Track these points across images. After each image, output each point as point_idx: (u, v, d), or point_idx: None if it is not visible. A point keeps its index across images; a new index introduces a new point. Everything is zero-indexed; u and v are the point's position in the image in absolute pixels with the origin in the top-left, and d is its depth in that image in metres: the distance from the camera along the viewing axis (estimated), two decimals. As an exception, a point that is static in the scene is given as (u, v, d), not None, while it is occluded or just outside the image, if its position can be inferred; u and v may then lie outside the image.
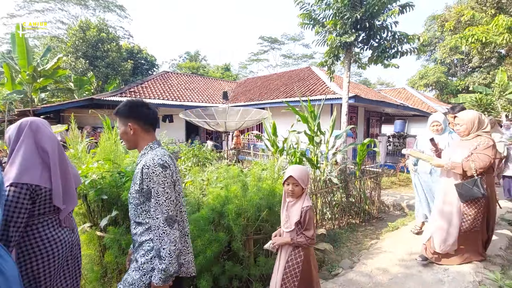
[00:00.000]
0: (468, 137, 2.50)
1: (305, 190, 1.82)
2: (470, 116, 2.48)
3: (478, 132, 2.46)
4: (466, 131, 2.49)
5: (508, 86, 10.53)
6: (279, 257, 1.89)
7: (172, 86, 14.65)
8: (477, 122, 2.45)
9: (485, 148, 2.35)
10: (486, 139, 2.38)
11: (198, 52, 37.19)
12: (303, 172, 1.81)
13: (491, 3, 13.85)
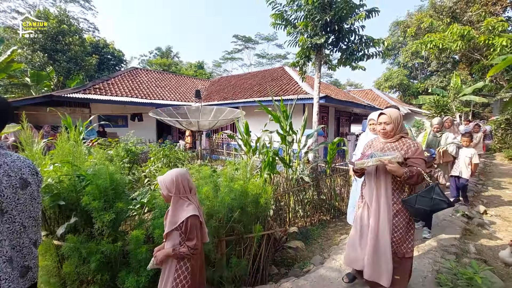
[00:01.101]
0: (393, 139, 2.17)
1: (179, 197, 1.66)
2: (397, 115, 2.16)
3: (402, 134, 2.17)
4: (392, 132, 2.15)
5: (461, 89, 11.54)
6: (163, 272, 1.74)
7: (142, 83, 14.03)
8: (401, 121, 2.18)
9: (419, 152, 2.06)
10: (412, 141, 2.12)
11: (170, 48, 36.04)
12: (166, 179, 1.66)
13: (447, 12, 15.07)
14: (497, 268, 3.01)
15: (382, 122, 2.19)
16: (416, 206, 1.97)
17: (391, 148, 2.16)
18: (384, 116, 2.17)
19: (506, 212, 4.83)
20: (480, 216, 4.48)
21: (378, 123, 2.23)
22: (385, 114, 2.17)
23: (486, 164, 9.66)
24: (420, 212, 1.99)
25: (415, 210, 1.99)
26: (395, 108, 3.28)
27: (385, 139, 2.22)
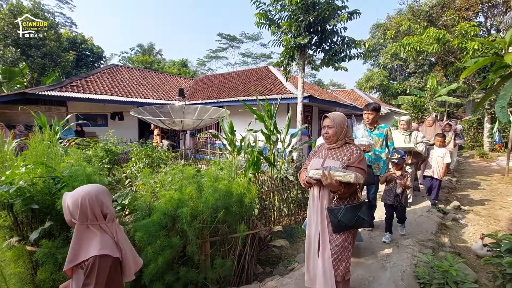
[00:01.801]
0: (336, 144, 1.99)
1: (85, 225, 1.24)
2: (340, 119, 1.99)
3: (347, 139, 2.00)
4: (335, 137, 1.96)
5: (437, 90, 12.07)
6: None
7: (123, 80, 13.59)
8: (346, 126, 1.98)
9: (359, 160, 1.89)
10: (356, 148, 1.94)
11: (153, 45, 35.11)
12: (69, 199, 1.26)
13: (424, 16, 15.70)
14: (470, 260, 3.18)
15: (325, 126, 2.00)
16: (340, 218, 1.80)
17: (334, 156, 1.97)
18: (327, 119, 1.99)
19: (478, 207, 5.11)
20: (454, 211, 4.71)
21: (323, 126, 2.05)
22: (328, 117, 1.99)
23: (460, 162, 10.18)
24: (341, 225, 1.83)
25: (337, 222, 1.82)
26: (376, 105, 3.35)
27: (328, 145, 2.03)
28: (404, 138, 4.50)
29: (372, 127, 3.37)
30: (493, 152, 12.35)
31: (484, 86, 1.90)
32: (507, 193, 5.89)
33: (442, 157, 4.48)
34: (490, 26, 14.41)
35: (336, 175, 1.70)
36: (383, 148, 3.36)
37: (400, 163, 3.26)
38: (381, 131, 3.38)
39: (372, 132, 3.36)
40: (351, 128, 2.48)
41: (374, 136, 3.35)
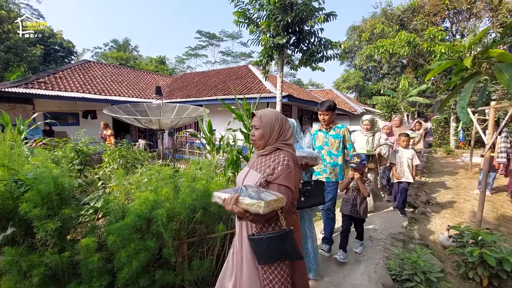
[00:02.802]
0: (264, 150, 1.49)
1: None
2: (269, 119, 1.47)
3: (279, 144, 1.47)
4: (261, 141, 1.47)
5: (408, 90, 12.71)
6: None
7: (95, 77, 12.96)
8: (279, 126, 1.47)
9: (284, 175, 1.37)
10: (285, 157, 1.40)
11: (128, 41, 33.80)
12: None
13: (396, 20, 16.45)
14: (437, 251, 3.39)
15: (252, 125, 1.54)
16: (263, 248, 1.30)
17: (259, 166, 1.48)
18: (254, 118, 1.53)
19: (444, 201, 5.46)
20: (423, 205, 4.99)
21: (251, 125, 1.62)
22: (255, 115, 1.52)
23: (429, 158, 10.81)
24: (264, 256, 1.33)
25: (260, 252, 1.32)
26: (331, 104, 2.92)
27: (257, 151, 1.55)
28: (366, 140, 4.13)
29: (328, 127, 3.07)
30: (458, 149, 13.24)
31: (447, 87, 2.04)
32: (470, 187, 6.35)
33: (411, 158, 4.19)
34: (456, 31, 15.40)
35: (244, 204, 1.16)
36: (340, 151, 3.01)
37: (360, 168, 2.78)
38: (337, 132, 3.01)
39: (328, 133, 3.04)
40: (294, 129, 2.37)
41: (330, 137, 3.02)
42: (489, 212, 4.77)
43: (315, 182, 2.39)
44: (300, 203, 2.22)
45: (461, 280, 2.79)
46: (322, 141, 3.06)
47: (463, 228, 2.99)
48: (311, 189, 2.31)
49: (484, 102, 10.87)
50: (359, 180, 2.79)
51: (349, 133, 3.20)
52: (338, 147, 3.00)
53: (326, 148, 3.03)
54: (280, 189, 1.36)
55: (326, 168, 3.04)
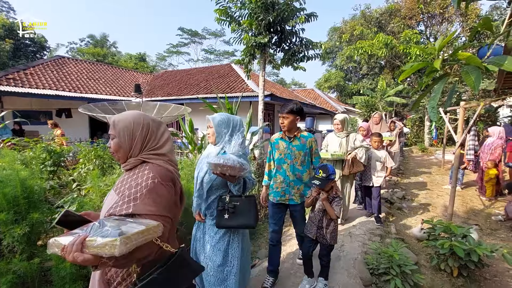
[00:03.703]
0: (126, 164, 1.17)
1: None
2: (130, 120, 1.16)
3: (146, 155, 1.16)
4: (120, 153, 1.16)
5: (386, 91, 13.17)
6: None
7: (70, 74, 12.37)
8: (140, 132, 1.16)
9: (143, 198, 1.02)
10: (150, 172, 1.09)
11: (106, 36, 32.48)
12: None
13: (374, 22, 16.99)
14: (412, 244, 3.55)
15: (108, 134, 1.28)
16: None
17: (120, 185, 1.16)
18: None
19: (419, 196, 5.73)
20: (399, 201, 5.20)
21: None
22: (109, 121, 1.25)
23: (405, 155, 11.28)
24: None
25: None
26: (294, 106, 2.35)
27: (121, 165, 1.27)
28: (339, 142, 3.57)
29: (292, 136, 2.43)
30: (432, 147, 13.93)
31: (418, 88, 2.13)
32: (443, 183, 6.70)
33: (382, 161, 3.82)
34: (430, 34, 16.15)
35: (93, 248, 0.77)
36: (306, 166, 2.44)
37: (326, 185, 2.20)
38: (302, 141, 2.41)
39: (292, 143, 2.42)
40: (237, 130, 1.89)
41: (294, 148, 2.41)
42: (460, 206, 5.05)
43: (247, 197, 1.88)
44: (223, 221, 1.81)
45: (434, 272, 2.94)
46: (283, 153, 2.44)
47: (436, 222, 3.15)
48: (239, 206, 1.82)
49: (455, 102, 11.51)
50: (325, 201, 2.22)
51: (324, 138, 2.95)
52: (303, 161, 2.42)
53: (289, 161, 2.41)
54: (149, 216, 0.98)
55: (289, 187, 2.41)
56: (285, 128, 2.39)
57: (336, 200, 2.26)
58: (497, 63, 1.49)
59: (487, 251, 2.58)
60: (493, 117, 13.22)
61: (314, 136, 2.55)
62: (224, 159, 1.64)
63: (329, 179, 2.19)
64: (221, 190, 1.89)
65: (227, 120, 1.88)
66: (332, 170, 2.21)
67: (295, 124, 2.43)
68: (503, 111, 15.51)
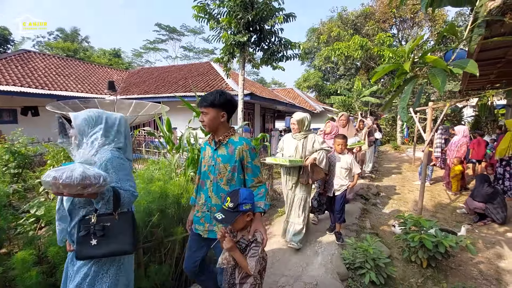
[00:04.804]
0: None
1: None
2: None
3: None
4: None
5: (362, 91, 13.66)
6: None
7: (37, 69, 11.58)
8: None
9: None
10: None
11: (77, 30, 30.75)
12: None
13: (351, 25, 17.53)
14: (385, 238, 3.71)
15: None
16: None
17: None
18: None
19: (392, 192, 6.00)
20: (374, 197, 5.42)
21: None
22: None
23: (379, 153, 11.78)
24: None
25: None
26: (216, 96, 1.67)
27: None
28: (295, 145, 3.02)
29: (218, 140, 1.74)
30: (403, 145, 14.66)
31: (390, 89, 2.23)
32: (413, 179, 7.07)
33: (349, 167, 3.27)
34: (401, 38, 16.95)
35: None
36: (234, 184, 1.73)
37: (231, 222, 1.46)
38: (230, 150, 1.72)
39: (217, 150, 1.74)
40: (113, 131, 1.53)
41: (219, 159, 1.72)
42: (429, 200, 5.36)
43: (121, 214, 1.44)
44: (88, 249, 1.35)
45: (405, 264, 3.10)
46: (207, 164, 1.78)
47: (407, 216, 3.32)
48: (111, 227, 1.39)
49: (424, 102, 12.19)
50: (232, 250, 1.45)
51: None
52: (230, 179, 1.71)
53: (212, 177, 1.74)
54: None
55: (211, 213, 1.73)
56: (206, 128, 1.71)
57: (253, 247, 1.45)
58: (460, 66, 1.60)
59: (452, 242, 2.76)
60: (458, 117, 14.18)
61: (248, 141, 1.74)
62: (57, 173, 1.16)
63: (239, 211, 1.43)
64: (87, 208, 1.41)
65: (96, 118, 1.47)
66: (246, 196, 1.47)
67: (223, 123, 1.71)
68: (467, 111, 16.67)
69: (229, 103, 1.72)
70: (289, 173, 3.10)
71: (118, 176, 1.43)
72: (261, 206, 1.62)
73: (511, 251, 3.38)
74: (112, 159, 1.43)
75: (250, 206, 1.49)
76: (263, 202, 1.64)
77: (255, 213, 1.58)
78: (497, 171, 5.19)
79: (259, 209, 1.60)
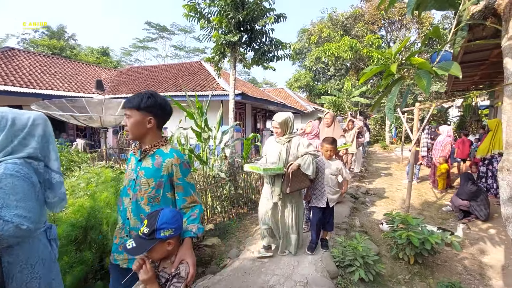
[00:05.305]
0: None
1: None
2: None
3: None
4: None
5: (352, 91, 13.87)
6: None
7: (22, 68, 11.24)
8: None
9: None
10: None
11: (63, 27, 29.93)
12: None
13: (340, 26, 17.74)
14: (374, 236, 3.78)
15: None
16: None
17: None
18: None
19: (381, 190, 6.12)
20: (363, 196, 5.51)
21: None
22: None
23: (368, 152, 11.99)
24: None
25: None
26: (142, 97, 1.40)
27: None
28: (278, 150, 2.70)
29: (143, 150, 1.47)
30: (392, 145, 14.96)
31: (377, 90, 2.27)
32: (401, 178, 7.22)
33: (337, 174, 2.93)
34: (390, 39, 17.29)
35: None
36: (157, 204, 1.44)
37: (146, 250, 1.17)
38: (157, 162, 1.43)
39: (141, 162, 1.46)
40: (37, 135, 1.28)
41: (141, 173, 1.43)
42: (416, 198, 5.50)
43: None
44: None
45: (393, 261, 3.16)
46: (129, 177, 1.50)
47: (394, 214, 3.39)
48: None
49: (411, 103, 12.47)
50: (149, 283, 1.18)
51: None
52: (154, 198, 1.42)
53: (131, 194, 1.45)
54: None
55: (129, 238, 1.42)
56: (129, 134, 1.47)
57: (174, 283, 1.17)
58: (445, 68, 1.65)
59: (438, 239, 2.84)
60: (444, 117, 14.57)
61: (180, 154, 1.46)
62: None
63: (155, 238, 1.15)
64: None
65: None
66: (166, 220, 1.17)
67: (151, 130, 1.45)
68: (453, 111, 17.17)
69: (158, 108, 1.45)
70: (273, 183, 2.69)
71: (3, 200, 1.09)
72: (193, 230, 1.33)
73: (493, 246, 3.50)
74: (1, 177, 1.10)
75: (171, 232, 1.18)
76: (196, 225, 1.36)
77: (184, 238, 1.29)
78: (480, 170, 5.37)
79: (188, 234, 1.31)
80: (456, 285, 2.52)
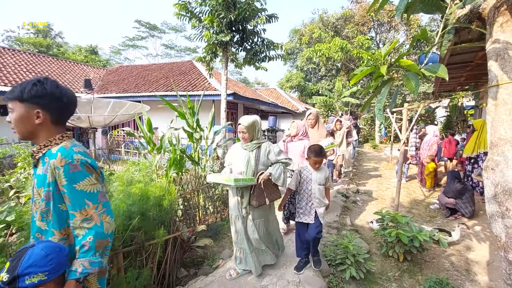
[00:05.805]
0: None
1: None
2: None
3: None
4: None
5: (342, 92, 14.04)
6: None
7: (6, 66, 10.90)
8: None
9: None
10: None
11: (50, 25, 29.15)
12: None
13: (331, 27, 17.93)
14: (364, 235, 3.84)
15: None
16: None
17: None
18: None
19: (371, 189, 6.21)
20: (354, 195, 5.59)
21: None
22: None
23: (359, 152, 12.16)
24: None
25: None
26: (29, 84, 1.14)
27: None
28: (246, 158, 2.39)
29: (32, 153, 1.20)
30: (382, 144, 15.22)
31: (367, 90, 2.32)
32: (390, 177, 7.36)
33: (326, 183, 2.56)
34: (379, 41, 17.58)
35: None
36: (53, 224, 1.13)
37: None
38: (46, 167, 1.13)
39: (37, 169, 1.20)
40: None
41: (34, 182, 1.20)
42: (405, 197, 5.61)
43: None
44: None
45: (384, 259, 3.22)
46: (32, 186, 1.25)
47: (384, 212, 3.46)
48: None
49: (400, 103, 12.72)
50: None
51: None
52: (45, 211, 1.14)
53: (30, 208, 1.32)
54: None
55: None
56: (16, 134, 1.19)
57: None
58: (432, 70, 1.69)
59: (426, 236, 2.91)
60: (431, 117, 14.92)
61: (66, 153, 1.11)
62: None
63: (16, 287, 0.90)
64: None
65: None
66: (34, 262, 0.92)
67: (41, 126, 1.16)
68: (440, 111, 17.60)
69: (49, 98, 1.15)
70: (241, 195, 2.39)
71: None
72: (78, 270, 1.01)
73: (479, 243, 3.62)
74: None
75: (43, 277, 0.91)
76: (87, 260, 1.03)
77: (67, 281, 1.00)
78: (466, 168, 5.53)
79: (73, 275, 1.01)
80: (444, 281, 2.59)
